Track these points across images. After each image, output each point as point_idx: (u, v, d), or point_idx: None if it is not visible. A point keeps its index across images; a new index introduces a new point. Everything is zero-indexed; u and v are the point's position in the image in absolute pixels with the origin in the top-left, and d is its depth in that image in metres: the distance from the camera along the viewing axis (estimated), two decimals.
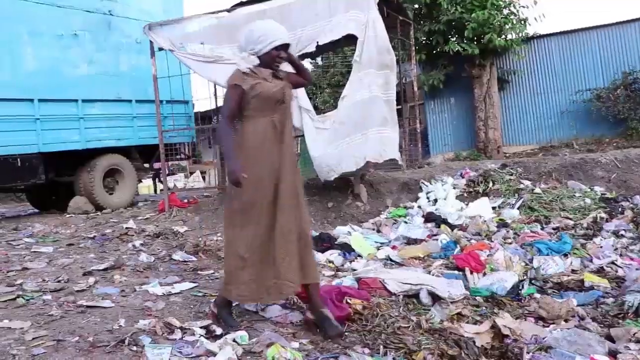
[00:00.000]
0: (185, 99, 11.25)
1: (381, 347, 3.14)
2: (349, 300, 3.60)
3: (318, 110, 10.51)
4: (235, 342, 3.10)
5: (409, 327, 3.39)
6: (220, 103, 10.05)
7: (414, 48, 10.82)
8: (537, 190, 7.34)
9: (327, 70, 19.90)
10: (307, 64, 19.91)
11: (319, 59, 19.09)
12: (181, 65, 8.98)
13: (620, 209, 6.55)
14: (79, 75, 9.88)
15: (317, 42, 7.39)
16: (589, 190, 7.41)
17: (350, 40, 7.44)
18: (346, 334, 3.34)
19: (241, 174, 3.18)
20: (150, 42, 8.71)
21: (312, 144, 7.16)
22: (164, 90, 9.35)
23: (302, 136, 7.49)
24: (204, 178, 19.21)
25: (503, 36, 13.52)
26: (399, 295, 3.95)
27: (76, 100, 9.71)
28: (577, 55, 14.15)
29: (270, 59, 3.33)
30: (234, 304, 3.62)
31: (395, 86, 7.53)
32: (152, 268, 5.35)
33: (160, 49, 8.61)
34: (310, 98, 14.47)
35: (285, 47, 3.35)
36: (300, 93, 7.27)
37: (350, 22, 7.22)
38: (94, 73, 10.08)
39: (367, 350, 3.11)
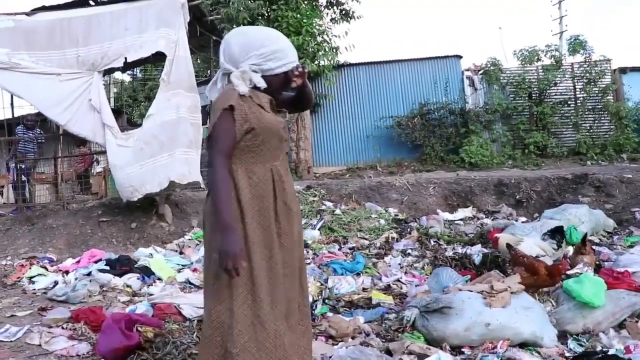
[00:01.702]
0: None
1: None
2: (139, 328, 3.49)
3: (134, 125, 10.07)
4: None
5: None
6: (16, 112, 9.23)
7: None
8: (338, 211, 7.75)
9: (146, 82, 19.20)
10: (124, 76, 19.00)
11: (137, 70, 18.34)
12: None
13: (409, 229, 7.12)
14: None
15: (126, 58, 7.16)
16: (384, 211, 7.99)
17: (159, 57, 7.28)
18: None
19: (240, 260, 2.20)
20: None
21: (114, 163, 6.88)
22: None
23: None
24: (1, 193, 17.14)
25: (316, 62, 14.17)
26: (193, 320, 3.92)
27: None
28: (382, 84, 15.25)
29: (283, 84, 2.51)
30: None
31: (200, 109, 7.44)
32: None
33: None
34: (124, 112, 13.75)
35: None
36: (104, 107, 6.96)
37: (160, 39, 7.08)
38: None
39: None
